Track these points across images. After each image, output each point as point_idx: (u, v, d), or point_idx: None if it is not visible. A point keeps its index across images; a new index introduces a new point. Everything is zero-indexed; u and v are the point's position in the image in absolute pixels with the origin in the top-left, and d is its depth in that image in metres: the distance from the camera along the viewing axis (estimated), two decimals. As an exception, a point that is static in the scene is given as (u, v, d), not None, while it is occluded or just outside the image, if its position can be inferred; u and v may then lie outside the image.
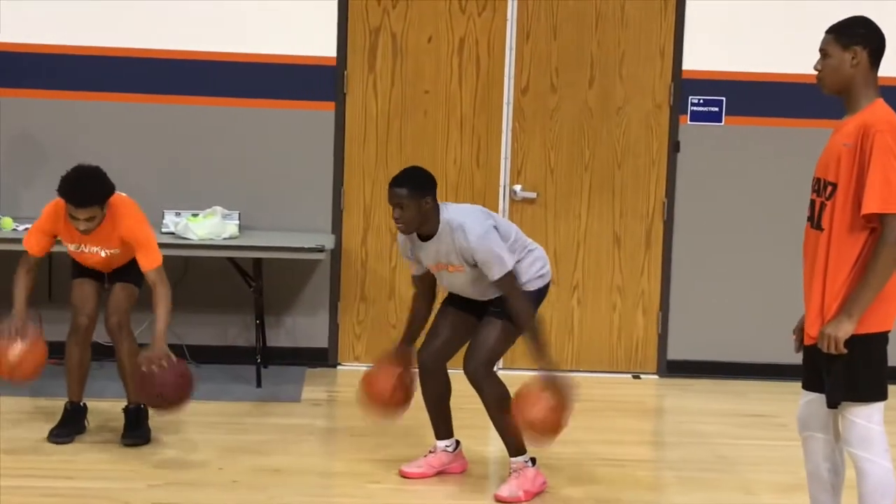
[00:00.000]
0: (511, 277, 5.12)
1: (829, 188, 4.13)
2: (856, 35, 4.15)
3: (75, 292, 5.82)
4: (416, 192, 5.10)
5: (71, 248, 5.72)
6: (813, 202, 4.23)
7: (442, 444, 5.54)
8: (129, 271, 5.79)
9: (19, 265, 5.66)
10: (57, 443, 5.75)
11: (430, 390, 5.44)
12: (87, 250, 5.67)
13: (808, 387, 4.33)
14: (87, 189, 5.44)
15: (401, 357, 5.44)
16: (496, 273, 5.10)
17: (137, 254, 5.62)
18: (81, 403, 5.91)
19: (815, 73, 4.23)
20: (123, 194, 5.71)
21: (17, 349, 5.45)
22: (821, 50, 4.21)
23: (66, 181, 5.46)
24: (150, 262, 5.59)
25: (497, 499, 5.23)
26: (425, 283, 5.46)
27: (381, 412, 5.46)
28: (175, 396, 5.42)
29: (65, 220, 5.55)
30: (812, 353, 4.21)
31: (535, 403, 5.01)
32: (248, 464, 5.60)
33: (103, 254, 5.67)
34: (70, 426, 5.84)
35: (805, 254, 4.27)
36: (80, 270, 5.85)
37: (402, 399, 5.41)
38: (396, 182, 5.16)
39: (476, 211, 5.29)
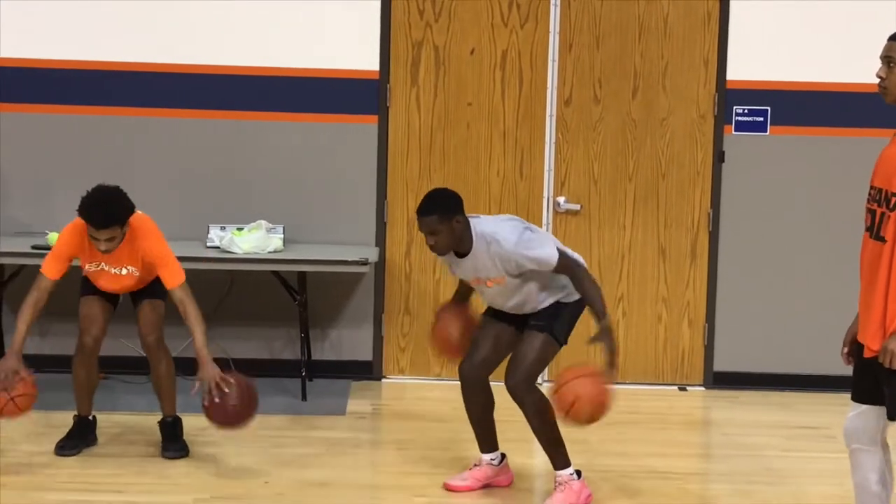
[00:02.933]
0: (564, 261, 5.11)
1: (894, 199, 4.02)
2: None
3: (83, 311, 5.82)
4: (445, 216, 5.07)
5: (91, 267, 5.71)
6: (872, 212, 4.12)
7: (487, 457, 5.52)
8: (152, 287, 5.79)
9: (31, 290, 5.62)
10: (62, 455, 5.77)
11: (473, 404, 5.42)
12: (107, 269, 5.67)
13: (859, 399, 4.27)
14: (107, 210, 5.44)
15: (456, 307, 5.51)
16: (548, 265, 5.10)
17: (160, 272, 5.60)
18: (90, 417, 5.93)
19: (878, 80, 4.11)
20: (141, 213, 5.71)
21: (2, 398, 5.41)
22: (886, 57, 4.09)
23: (87, 202, 5.45)
24: (173, 279, 5.57)
25: (543, 512, 5.22)
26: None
27: (448, 354, 5.56)
28: (247, 416, 5.48)
29: (86, 239, 5.56)
30: (870, 365, 4.14)
31: (590, 381, 4.98)
32: (294, 477, 5.61)
33: (124, 271, 5.67)
34: (76, 439, 5.86)
35: (862, 264, 4.17)
36: (92, 288, 5.84)
37: (464, 341, 5.44)
38: (423, 210, 5.10)
39: (506, 219, 5.27)
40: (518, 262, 5.08)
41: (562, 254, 5.13)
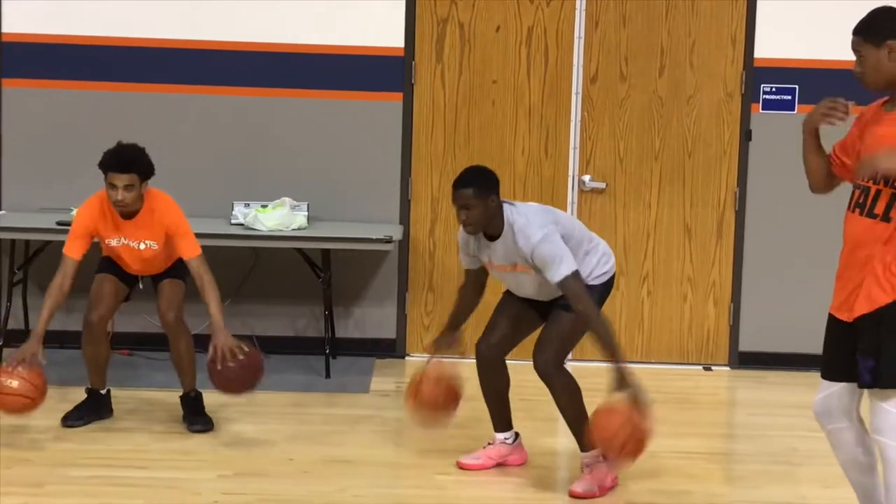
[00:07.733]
0: (574, 279, 5.00)
1: None
2: (884, 29, 4.11)
3: (95, 288, 5.85)
4: (481, 192, 5.06)
5: (112, 242, 5.73)
6: (865, 189, 4.12)
7: (500, 436, 5.50)
8: (172, 269, 5.84)
9: (56, 274, 5.61)
10: (67, 426, 5.78)
11: (489, 383, 5.40)
12: (128, 242, 5.69)
13: (831, 377, 4.42)
14: (128, 155, 5.58)
15: (444, 345, 5.42)
16: (557, 275, 4.98)
17: (179, 243, 5.65)
18: (102, 391, 5.94)
19: (858, 73, 4.19)
20: (162, 191, 5.76)
21: (13, 383, 5.32)
22: (854, 51, 4.17)
23: (108, 151, 5.63)
24: (192, 250, 5.66)
25: (572, 495, 5.17)
26: (476, 277, 5.41)
27: (431, 419, 5.41)
28: (246, 387, 5.54)
29: (103, 212, 5.63)
30: (849, 335, 4.20)
31: (615, 422, 4.87)
32: (318, 454, 5.61)
33: (142, 246, 5.69)
34: (84, 411, 5.87)
35: (847, 240, 4.19)
36: (108, 267, 5.87)
37: (450, 403, 5.35)
38: (461, 183, 5.11)
39: (538, 211, 5.20)
40: (533, 258, 5.05)
41: (573, 279, 5.00)
